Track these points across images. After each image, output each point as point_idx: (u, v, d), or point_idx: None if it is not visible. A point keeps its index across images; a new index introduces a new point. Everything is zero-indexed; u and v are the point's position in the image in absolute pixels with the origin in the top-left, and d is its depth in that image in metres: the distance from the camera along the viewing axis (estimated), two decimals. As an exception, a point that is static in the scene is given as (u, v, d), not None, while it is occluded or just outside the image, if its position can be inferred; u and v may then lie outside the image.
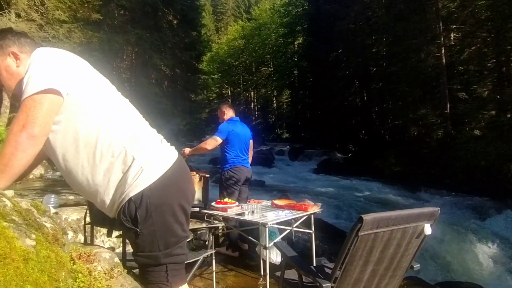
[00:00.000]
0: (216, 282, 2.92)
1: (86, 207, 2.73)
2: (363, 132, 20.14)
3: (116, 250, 2.96)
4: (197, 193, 2.81)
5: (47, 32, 10.18)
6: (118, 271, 1.21)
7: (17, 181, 1.10)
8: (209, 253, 2.62)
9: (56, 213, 3.13)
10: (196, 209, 2.84)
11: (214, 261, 2.90)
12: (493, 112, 12.04)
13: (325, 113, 21.72)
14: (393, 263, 1.57)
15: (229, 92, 44.23)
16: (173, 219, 1.14)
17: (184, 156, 3.47)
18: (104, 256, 1.22)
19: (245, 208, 2.77)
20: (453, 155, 10.88)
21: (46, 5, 10.08)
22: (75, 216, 3.27)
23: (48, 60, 1.08)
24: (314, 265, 2.69)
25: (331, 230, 5.00)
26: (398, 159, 12.79)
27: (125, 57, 17.08)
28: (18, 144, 0.99)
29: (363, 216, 1.36)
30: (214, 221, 3.15)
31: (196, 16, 21.42)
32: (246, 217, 2.66)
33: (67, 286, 0.92)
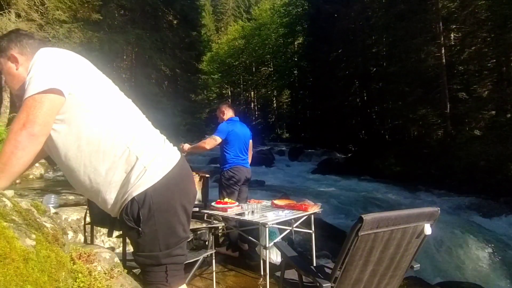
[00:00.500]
0: (216, 282, 2.92)
1: (86, 207, 2.73)
2: (363, 132, 20.14)
3: (116, 250, 2.96)
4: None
5: (47, 32, 10.18)
6: (118, 271, 1.21)
7: (16, 179, 1.11)
8: (209, 253, 2.62)
9: (56, 213, 3.13)
10: (196, 209, 2.84)
11: (214, 261, 2.89)
12: (493, 112, 12.04)
13: (325, 113, 21.73)
14: (393, 263, 1.57)
15: (229, 92, 44.23)
16: (175, 219, 1.14)
17: (183, 151, 3.46)
18: (104, 256, 1.23)
19: (245, 208, 2.77)
20: (453, 155, 10.88)
21: (46, 5, 10.08)
22: (75, 216, 3.27)
23: (50, 60, 1.09)
24: (314, 265, 2.69)
25: (331, 230, 5.00)
26: (398, 159, 12.79)
27: (125, 57, 17.09)
28: (18, 143, 0.99)
29: (363, 216, 1.36)
30: (214, 221, 3.15)
31: (196, 16, 21.43)
32: (246, 217, 2.66)
33: (67, 286, 0.92)
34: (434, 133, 14.20)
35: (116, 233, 2.25)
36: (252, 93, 41.49)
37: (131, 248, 1.21)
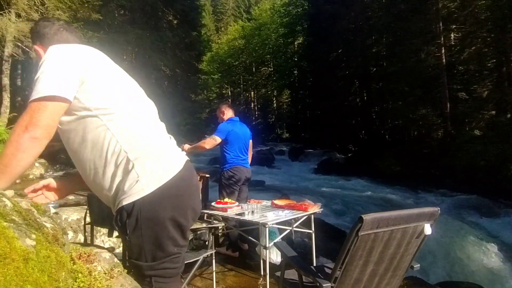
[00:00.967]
0: (216, 282, 2.92)
1: (86, 207, 2.73)
2: (363, 132, 20.14)
3: (116, 250, 2.96)
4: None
5: (47, 32, 10.16)
6: (118, 271, 1.21)
7: (16, 180, 1.11)
8: (209, 253, 2.62)
9: (56, 213, 3.13)
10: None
11: (214, 261, 2.90)
12: (493, 112, 12.04)
13: (325, 113, 21.73)
14: (393, 263, 1.57)
15: (229, 92, 44.23)
16: (163, 234, 1.10)
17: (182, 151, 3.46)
18: (104, 256, 1.22)
19: (245, 208, 2.77)
20: (453, 155, 10.88)
21: (46, 5, 10.08)
22: (75, 216, 3.27)
23: (58, 62, 1.07)
24: (314, 265, 2.69)
25: (331, 230, 5.00)
26: (398, 159, 12.79)
27: (125, 57, 17.06)
28: (19, 145, 0.99)
29: (363, 216, 1.35)
30: (214, 221, 3.15)
31: (196, 16, 21.45)
32: (246, 217, 2.66)
33: (67, 286, 0.92)
34: (434, 133, 14.20)
35: (116, 233, 2.25)
36: (252, 93, 41.49)
37: (131, 249, 1.21)
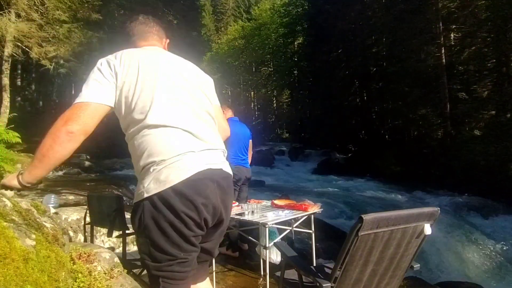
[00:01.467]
0: (216, 282, 2.91)
1: (86, 207, 2.73)
2: (363, 132, 20.13)
3: (116, 250, 2.96)
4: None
5: (47, 32, 10.18)
6: (118, 271, 1.21)
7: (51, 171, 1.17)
8: (209, 253, 2.61)
9: (56, 213, 3.13)
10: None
11: (214, 261, 2.89)
12: (493, 112, 12.04)
13: (325, 113, 21.72)
14: (393, 263, 1.57)
15: (229, 92, 44.22)
16: (163, 238, 1.08)
17: None
18: (104, 256, 1.23)
19: (245, 208, 2.77)
20: (453, 155, 10.88)
21: (46, 5, 10.07)
22: (75, 216, 3.27)
23: (100, 70, 1.14)
24: (314, 265, 2.69)
25: (331, 230, 5.00)
26: (398, 159, 12.79)
27: (125, 57, 17.06)
28: (56, 138, 1.05)
29: (363, 216, 1.35)
30: (214, 221, 3.13)
31: (196, 16, 21.46)
32: (246, 217, 2.65)
33: (67, 286, 0.92)
34: (434, 133, 14.20)
35: (116, 233, 2.25)
36: (252, 93, 41.48)
37: (131, 248, 1.21)
